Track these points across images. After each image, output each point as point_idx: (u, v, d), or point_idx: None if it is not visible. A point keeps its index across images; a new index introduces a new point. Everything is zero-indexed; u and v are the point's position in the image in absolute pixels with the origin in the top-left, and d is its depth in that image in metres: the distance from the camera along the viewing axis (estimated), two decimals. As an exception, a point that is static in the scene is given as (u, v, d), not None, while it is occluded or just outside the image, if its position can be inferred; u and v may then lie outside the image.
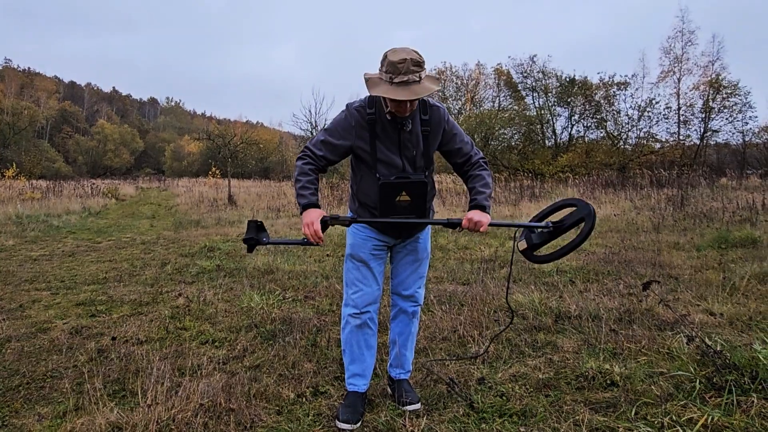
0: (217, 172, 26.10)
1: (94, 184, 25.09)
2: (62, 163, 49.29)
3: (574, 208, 2.13)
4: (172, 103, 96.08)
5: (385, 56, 1.93)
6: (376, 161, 2.05)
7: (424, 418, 2.08)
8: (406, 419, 2.07)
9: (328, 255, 6.18)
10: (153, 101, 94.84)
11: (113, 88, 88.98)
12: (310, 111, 29.07)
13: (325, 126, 2.16)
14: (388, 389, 2.37)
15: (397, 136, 2.05)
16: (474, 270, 4.93)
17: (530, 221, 2.25)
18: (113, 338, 3.23)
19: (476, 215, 2.02)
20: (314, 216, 1.95)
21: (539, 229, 2.16)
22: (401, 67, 1.87)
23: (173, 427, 2.02)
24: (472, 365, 2.65)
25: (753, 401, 1.99)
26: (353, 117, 2.05)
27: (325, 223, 1.97)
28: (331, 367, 2.70)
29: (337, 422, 2.08)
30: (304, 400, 2.34)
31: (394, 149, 2.05)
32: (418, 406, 2.20)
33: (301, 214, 2.01)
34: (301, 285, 4.58)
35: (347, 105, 2.10)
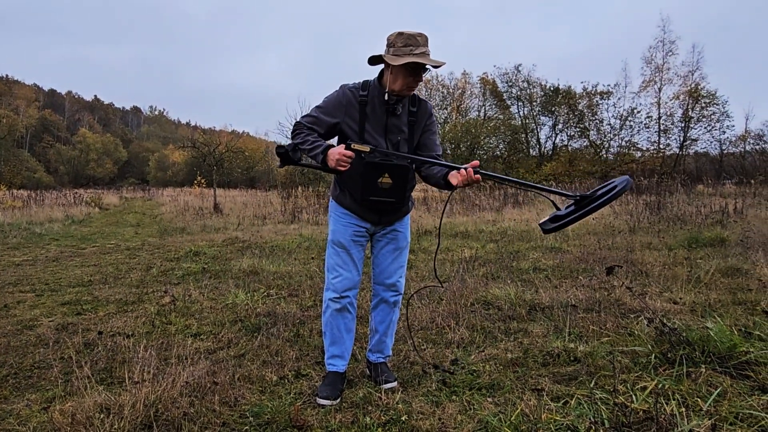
0: (203, 181, 26.01)
1: (76, 193, 24.80)
2: (43, 172, 48.61)
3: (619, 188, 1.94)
4: (156, 112, 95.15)
5: (401, 33, 2.09)
6: (361, 141, 2.19)
7: (399, 393, 2.22)
8: (383, 394, 2.21)
9: (313, 257, 6.30)
10: (136, 110, 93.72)
11: (95, 96, 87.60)
12: (296, 119, 29.22)
13: (318, 104, 2.27)
14: (367, 371, 2.50)
15: (385, 120, 2.21)
16: (454, 269, 5.09)
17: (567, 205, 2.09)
18: (100, 333, 3.29)
19: (460, 173, 2.02)
20: (338, 149, 2.06)
21: (566, 199, 2.06)
22: (420, 40, 2.08)
23: (159, 406, 2.10)
24: (447, 349, 2.80)
25: (702, 371, 2.18)
26: (346, 96, 2.20)
27: (349, 146, 2.07)
28: (312, 353, 2.82)
29: (318, 399, 2.20)
30: (286, 381, 2.45)
31: (380, 132, 2.21)
32: (394, 384, 2.33)
33: (324, 157, 2.07)
34: (285, 284, 4.69)
35: (342, 85, 2.25)
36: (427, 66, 2.09)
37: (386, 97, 2.17)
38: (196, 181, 26.38)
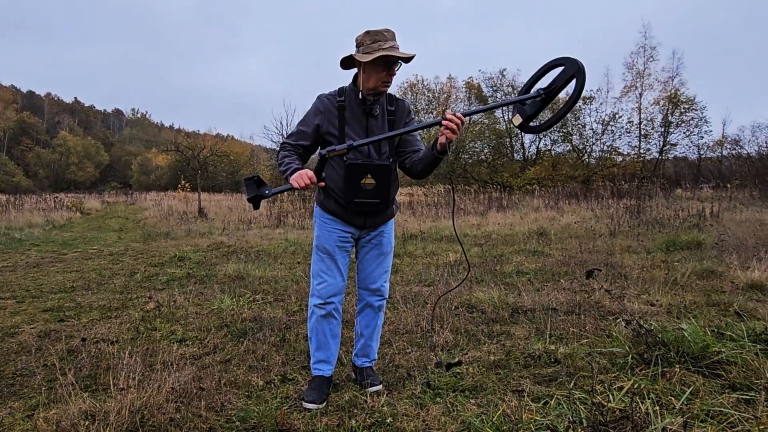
0: (187, 185, 25.64)
1: (57, 197, 24.21)
2: (22, 176, 47.40)
3: (562, 68, 2.09)
4: (138, 115, 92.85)
5: (367, 32, 2.16)
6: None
7: (385, 396, 2.26)
8: (368, 397, 2.24)
9: (299, 262, 6.30)
10: (118, 113, 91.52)
11: (75, 98, 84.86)
12: (281, 123, 29.07)
13: (300, 120, 2.34)
14: (353, 375, 2.52)
15: (365, 122, 2.25)
16: (439, 273, 5.15)
17: (519, 94, 2.23)
18: (83, 339, 3.26)
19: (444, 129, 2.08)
20: (303, 170, 2.08)
21: (531, 100, 2.15)
22: (387, 35, 2.14)
23: (145, 412, 2.10)
24: (431, 352, 2.85)
25: (676, 371, 2.26)
26: (323, 104, 2.25)
27: (323, 157, 2.10)
28: (299, 358, 2.84)
29: (304, 403, 2.22)
30: (272, 386, 2.47)
31: (361, 134, 2.24)
32: (379, 387, 2.36)
33: (289, 178, 2.10)
34: (271, 289, 4.69)
35: (318, 95, 2.30)
36: (399, 60, 2.13)
37: (360, 96, 2.22)
38: (180, 185, 25.98)
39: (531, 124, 2.19)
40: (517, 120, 2.22)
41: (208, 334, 3.34)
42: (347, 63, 2.25)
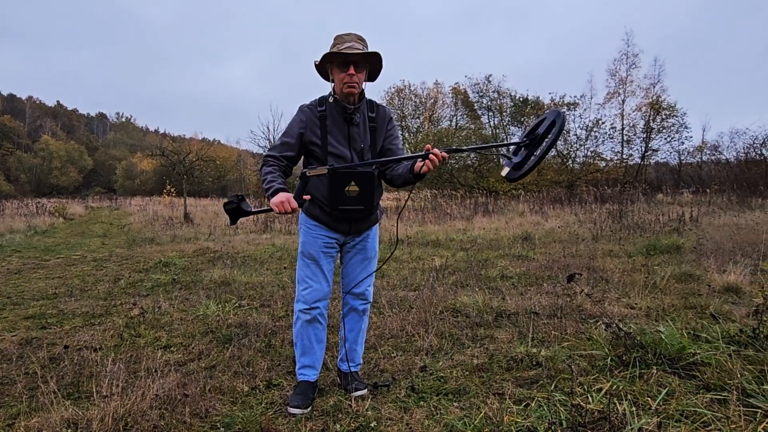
0: (173, 190, 25.39)
1: (39, 203, 23.73)
2: (3, 181, 46.25)
3: (546, 119, 2.24)
4: (123, 119, 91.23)
5: (334, 36, 2.23)
6: (326, 154, 2.25)
7: (369, 400, 2.28)
8: (353, 402, 2.26)
9: (285, 267, 6.29)
10: (102, 116, 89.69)
11: (58, 101, 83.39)
12: (268, 128, 28.99)
13: (282, 132, 2.36)
14: (338, 379, 2.54)
15: (347, 130, 2.27)
16: (425, 278, 5.18)
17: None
18: (66, 347, 3.21)
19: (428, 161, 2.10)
20: (285, 195, 2.09)
21: (517, 148, 2.27)
22: (346, 38, 2.19)
23: (129, 419, 2.09)
24: (416, 356, 2.87)
25: (653, 372, 2.32)
26: (305, 114, 2.27)
27: (303, 176, 2.14)
28: (284, 363, 2.84)
29: (289, 408, 2.23)
30: (257, 392, 2.47)
31: (344, 142, 2.27)
32: (364, 392, 2.37)
33: (270, 198, 2.13)
34: (257, 294, 4.67)
35: (300, 106, 2.32)
36: (356, 60, 2.15)
37: (340, 105, 2.24)
38: (165, 190, 25.71)
39: (517, 173, 2.24)
40: (504, 171, 2.29)
41: (193, 340, 3.32)
42: (323, 72, 2.30)
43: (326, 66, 2.26)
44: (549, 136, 2.17)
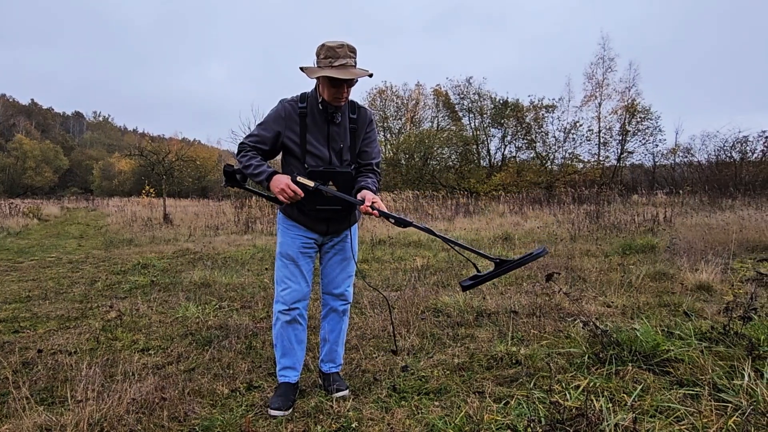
0: (152, 191, 24.87)
1: (12, 203, 22.87)
2: None
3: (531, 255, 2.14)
4: (100, 118, 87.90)
5: (323, 45, 2.13)
6: (305, 153, 2.22)
7: (351, 401, 2.26)
8: (334, 403, 2.24)
9: (266, 268, 6.22)
10: (78, 115, 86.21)
11: (32, 100, 79.40)
12: (249, 128, 28.64)
13: (259, 122, 2.30)
14: (320, 380, 2.51)
15: (327, 129, 2.24)
16: (407, 278, 5.19)
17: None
18: (39, 351, 3.11)
19: (371, 195, 2.15)
20: (284, 179, 2.10)
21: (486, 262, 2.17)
22: (340, 52, 2.09)
23: (105, 424, 2.03)
24: (398, 356, 2.87)
25: (629, 369, 2.36)
26: (285, 110, 2.22)
27: (294, 178, 2.13)
28: (265, 365, 2.81)
29: (269, 410, 2.20)
30: (237, 394, 2.43)
31: (323, 141, 2.24)
32: (346, 392, 2.36)
33: (268, 184, 2.13)
34: (238, 296, 4.61)
35: (281, 100, 2.27)
36: (355, 78, 2.10)
37: (320, 107, 2.21)
38: (144, 191, 25.17)
39: (470, 282, 2.16)
40: (466, 280, 2.19)
41: (172, 342, 3.25)
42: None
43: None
44: (520, 258, 2.10)
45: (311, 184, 2.13)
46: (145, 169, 27.53)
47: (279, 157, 2.39)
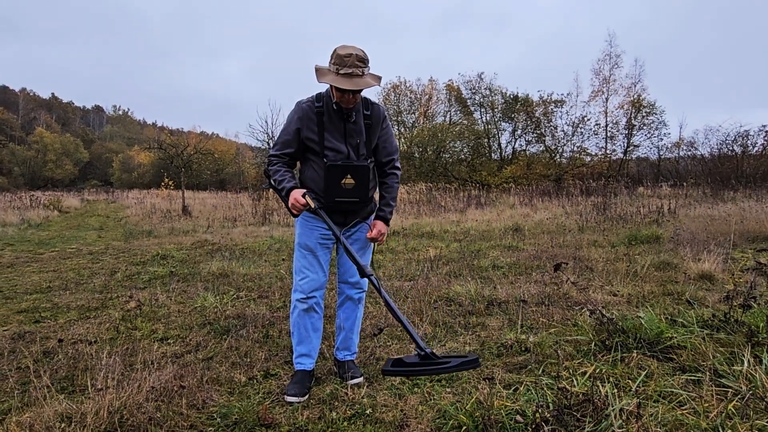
0: (171, 183, 25.00)
1: (33, 195, 22.94)
2: None
3: (472, 362, 1.99)
4: (120, 112, 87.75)
5: (335, 51, 2.16)
6: (323, 149, 2.26)
7: (365, 388, 2.29)
8: (349, 390, 2.27)
9: (283, 259, 6.28)
10: (98, 109, 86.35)
11: (53, 94, 79.71)
12: (266, 121, 28.71)
13: (281, 129, 2.37)
14: (335, 368, 2.54)
15: (343, 126, 2.28)
16: (420, 268, 5.21)
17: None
18: (60, 340, 3.08)
19: (383, 228, 2.38)
20: (296, 194, 2.19)
21: (417, 352, 2.00)
22: (347, 61, 2.11)
23: (125, 412, 2.00)
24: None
25: (634, 356, 2.38)
26: (302, 110, 2.27)
27: (305, 195, 2.20)
28: (282, 353, 2.83)
29: (286, 396, 2.23)
30: (255, 382, 2.45)
31: (340, 138, 2.28)
32: (360, 380, 2.38)
33: (286, 197, 2.23)
34: (255, 286, 4.64)
35: (297, 102, 2.32)
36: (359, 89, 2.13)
37: (335, 107, 2.25)
38: (163, 183, 25.33)
39: (392, 367, 2.02)
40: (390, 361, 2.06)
41: (191, 332, 3.28)
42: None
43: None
44: (445, 363, 1.95)
45: (312, 205, 2.20)
46: (164, 161, 27.63)
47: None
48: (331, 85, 2.20)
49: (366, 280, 2.47)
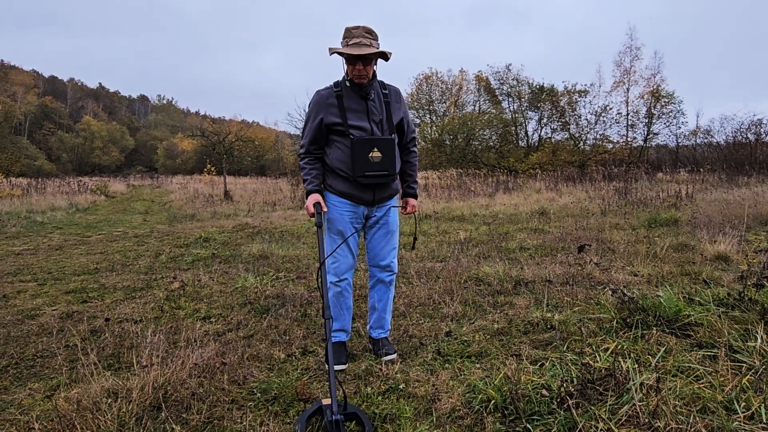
0: (213, 169, 25.07)
1: (81, 181, 23.19)
2: (44, 160, 45.34)
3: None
4: (164, 101, 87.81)
5: (345, 28, 2.25)
6: (348, 128, 2.27)
7: (398, 364, 2.34)
8: (383, 366, 2.31)
9: (316, 242, 6.36)
10: (143, 99, 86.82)
11: (99, 83, 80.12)
12: (304, 110, 28.69)
13: (305, 121, 2.42)
14: (370, 345, 2.59)
15: (365, 105, 2.31)
16: (450, 250, 5.18)
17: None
18: (107, 319, 3.11)
19: (415, 202, 2.58)
20: (314, 198, 2.29)
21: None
22: (355, 32, 2.20)
23: (169, 387, 2.00)
24: (442, 322, 2.94)
25: (653, 333, 2.39)
26: (321, 97, 2.31)
27: (318, 204, 2.28)
28: (319, 331, 2.86)
29: (326, 365, 2.29)
30: (293, 359, 2.46)
31: (363, 116, 2.30)
32: (394, 356, 2.42)
33: (306, 197, 2.33)
34: (294, 267, 4.65)
35: (316, 91, 2.36)
36: (366, 54, 2.16)
37: (351, 87, 2.28)
38: (206, 169, 25.49)
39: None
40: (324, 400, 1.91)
41: (232, 311, 3.27)
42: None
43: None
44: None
45: (316, 219, 2.26)
46: (206, 148, 27.94)
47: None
48: (343, 60, 2.25)
49: (395, 263, 2.50)
